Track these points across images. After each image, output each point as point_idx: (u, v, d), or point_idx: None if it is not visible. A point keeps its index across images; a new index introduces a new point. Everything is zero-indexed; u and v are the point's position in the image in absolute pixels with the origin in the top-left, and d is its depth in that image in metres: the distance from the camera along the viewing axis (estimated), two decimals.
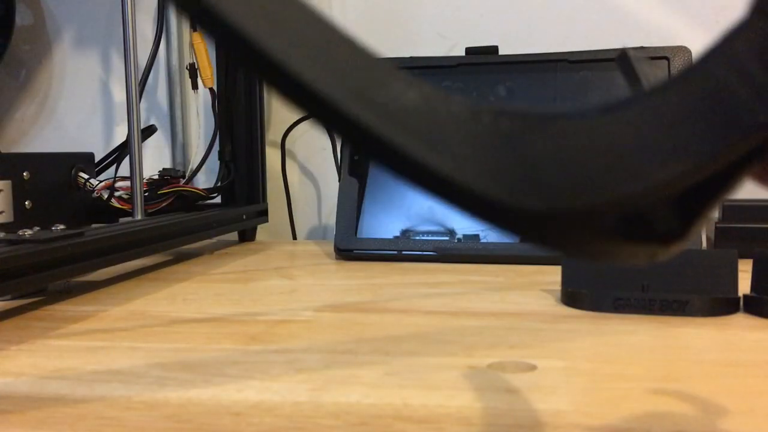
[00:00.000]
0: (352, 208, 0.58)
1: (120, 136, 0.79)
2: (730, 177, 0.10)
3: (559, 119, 0.11)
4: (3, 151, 0.81)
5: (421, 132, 0.10)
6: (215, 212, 0.64)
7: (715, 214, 0.58)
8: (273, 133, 0.79)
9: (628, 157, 0.10)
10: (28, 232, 0.41)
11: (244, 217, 0.70)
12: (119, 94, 0.82)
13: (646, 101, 0.10)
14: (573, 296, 0.38)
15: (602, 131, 0.10)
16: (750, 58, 0.10)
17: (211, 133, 0.74)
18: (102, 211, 0.61)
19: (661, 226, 0.11)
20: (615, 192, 0.10)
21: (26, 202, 0.52)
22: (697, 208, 0.11)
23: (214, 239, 0.68)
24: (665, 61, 0.53)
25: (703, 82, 0.10)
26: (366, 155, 0.10)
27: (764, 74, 0.09)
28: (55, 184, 0.56)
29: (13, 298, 0.42)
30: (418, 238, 0.56)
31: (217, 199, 0.73)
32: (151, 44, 0.72)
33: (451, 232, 0.56)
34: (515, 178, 0.10)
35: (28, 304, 0.41)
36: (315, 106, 0.10)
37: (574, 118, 0.11)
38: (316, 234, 0.80)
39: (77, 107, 0.84)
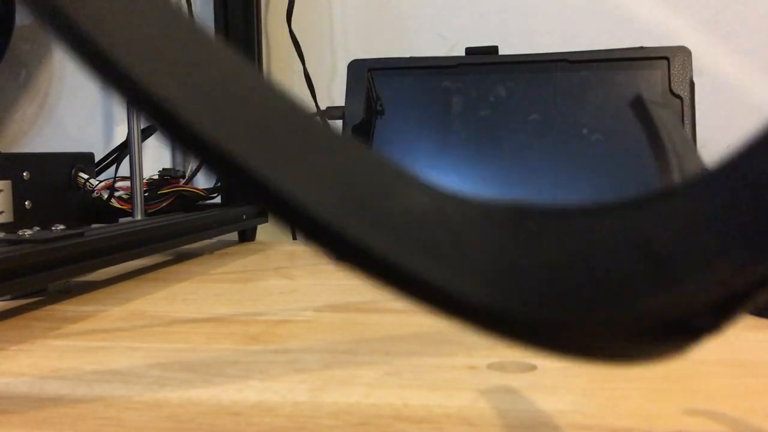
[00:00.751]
0: None
1: (120, 136, 0.79)
2: None
3: (584, 215, 0.10)
4: (3, 151, 0.81)
5: (427, 244, 0.09)
6: (215, 212, 0.64)
7: None
8: None
9: (665, 259, 0.09)
10: (27, 232, 0.41)
11: (244, 217, 0.70)
12: None
13: (682, 197, 0.09)
14: None
15: (634, 229, 0.09)
16: None
17: None
18: (102, 211, 0.61)
19: (699, 325, 0.10)
20: (649, 299, 0.09)
21: (26, 202, 0.52)
22: (735, 305, 0.09)
23: (214, 239, 0.68)
24: (665, 62, 0.53)
25: (742, 178, 0.09)
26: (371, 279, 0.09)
27: None
28: (55, 184, 0.56)
29: (13, 298, 0.42)
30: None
31: (217, 199, 0.73)
32: None
33: None
34: (534, 286, 0.09)
35: (28, 304, 0.41)
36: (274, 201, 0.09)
37: (598, 214, 0.10)
38: None
39: (77, 107, 0.84)
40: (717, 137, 0.69)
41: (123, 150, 0.64)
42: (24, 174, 0.52)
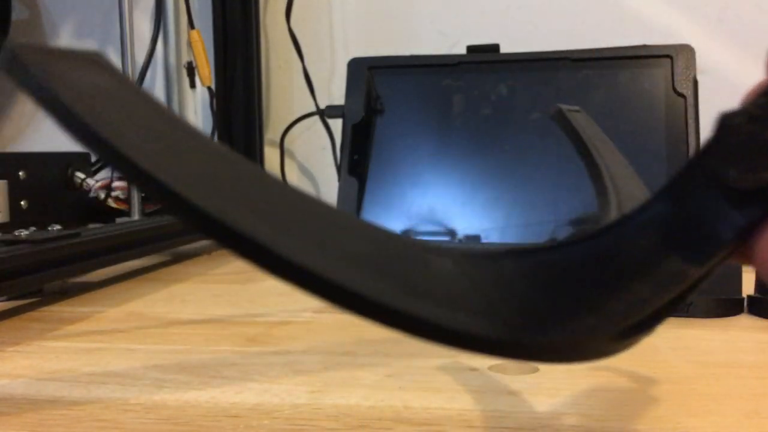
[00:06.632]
0: (352, 208, 0.58)
1: None
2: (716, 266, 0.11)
3: (551, 250, 0.12)
4: None
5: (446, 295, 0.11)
6: None
7: None
8: (272, 132, 0.79)
9: (617, 280, 0.11)
10: (24, 233, 0.40)
11: None
12: None
13: (628, 224, 0.12)
14: None
15: (594, 263, 0.12)
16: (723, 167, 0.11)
17: (209, 132, 0.74)
18: (99, 211, 0.60)
19: (649, 324, 0.12)
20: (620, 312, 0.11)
21: (22, 202, 0.52)
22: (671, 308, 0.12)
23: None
24: (668, 60, 0.53)
25: (680, 200, 0.11)
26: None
27: (734, 184, 0.10)
28: (52, 183, 0.56)
29: (9, 299, 0.41)
30: (418, 238, 0.56)
31: None
32: (149, 42, 0.72)
33: (452, 233, 0.55)
34: (524, 321, 0.11)
35: (25, 305, 0.40)
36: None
37: (561, 247, 0.12)
38: None
39: None
40: None
41: None
42: (20, 173, 0.52)
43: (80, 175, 0.58)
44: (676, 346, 0.30)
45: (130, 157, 0.10)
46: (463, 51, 0.60)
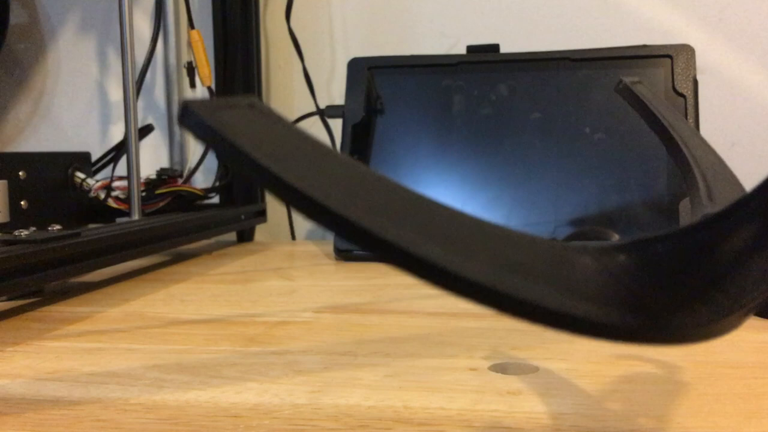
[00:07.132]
0: None
1: (117, 135, 0.79)
2: None
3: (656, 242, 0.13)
4: None
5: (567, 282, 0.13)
6: (213, 212, 0.64)
7: None
8: None
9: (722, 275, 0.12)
10: (24, 233, 0.40)
11: (243, 217, 0.69)
12: (116, 93, 0.82)
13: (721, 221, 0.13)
14: None
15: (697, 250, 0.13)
16: None
17: None
18: (99, 211, 0.60)
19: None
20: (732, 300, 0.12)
21: (22, 202, 0.52)
22: None
23: (212, 240, 0.68)
24: (668, 60, 0.53)
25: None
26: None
27: None
28: (52, 183, 0.56)
29: (9, 299, 0.41)
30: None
31: (215, 199, 0.72)
32: (149, 42, 0.72)
33: None
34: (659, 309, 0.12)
35: (25, 305, 0.40)
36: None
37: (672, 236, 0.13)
38: (316, 234, 0.80)
39: (73, 106, 0.84)
40: (721, 135, 0.69)
41: (120, 149, 0.63)
42: (20, 173, 0.52)
43: (80, 175, 0.58)
44: (676, 346, 0.30)
45: (316, 198, 0.12)
46: (463, 51, 0.60)
